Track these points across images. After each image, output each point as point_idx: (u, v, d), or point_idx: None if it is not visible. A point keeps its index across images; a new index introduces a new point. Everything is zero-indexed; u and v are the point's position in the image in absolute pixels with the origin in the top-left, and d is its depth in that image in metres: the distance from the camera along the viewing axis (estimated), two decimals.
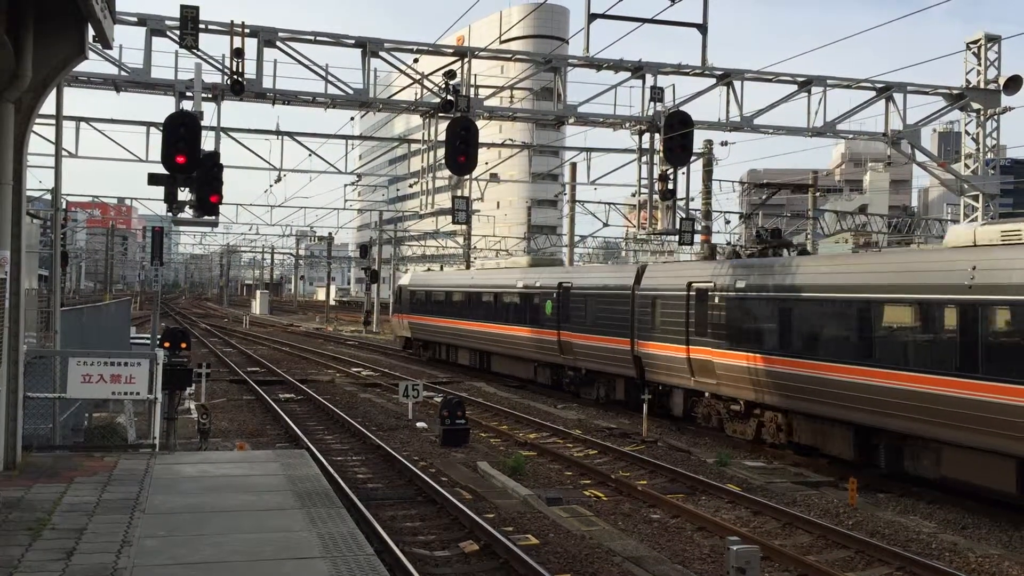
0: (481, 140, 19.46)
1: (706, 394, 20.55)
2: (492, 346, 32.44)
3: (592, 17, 19.64)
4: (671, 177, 20.65)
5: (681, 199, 21.53)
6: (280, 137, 28.43)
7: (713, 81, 21.62)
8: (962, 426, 13.74)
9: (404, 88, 22.27)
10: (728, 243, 58.43)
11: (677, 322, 21.24)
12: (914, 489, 15.41)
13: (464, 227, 54.57)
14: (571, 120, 21.86)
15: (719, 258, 24.12)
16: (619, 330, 23.75)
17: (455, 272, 46.78)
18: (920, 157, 24.59)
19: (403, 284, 42.89)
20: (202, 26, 17.22)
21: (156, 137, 24.55)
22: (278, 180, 36.09)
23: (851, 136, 25.88)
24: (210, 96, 18.09)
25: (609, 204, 49.47)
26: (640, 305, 23.00)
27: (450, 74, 19.67)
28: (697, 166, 35.23)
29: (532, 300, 28.93)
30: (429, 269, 72.18)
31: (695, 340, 20.51)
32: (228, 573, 7.73)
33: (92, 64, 17.17)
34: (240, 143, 26.64)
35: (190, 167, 15.67)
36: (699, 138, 40.50)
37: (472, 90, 20.37)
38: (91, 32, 11.28)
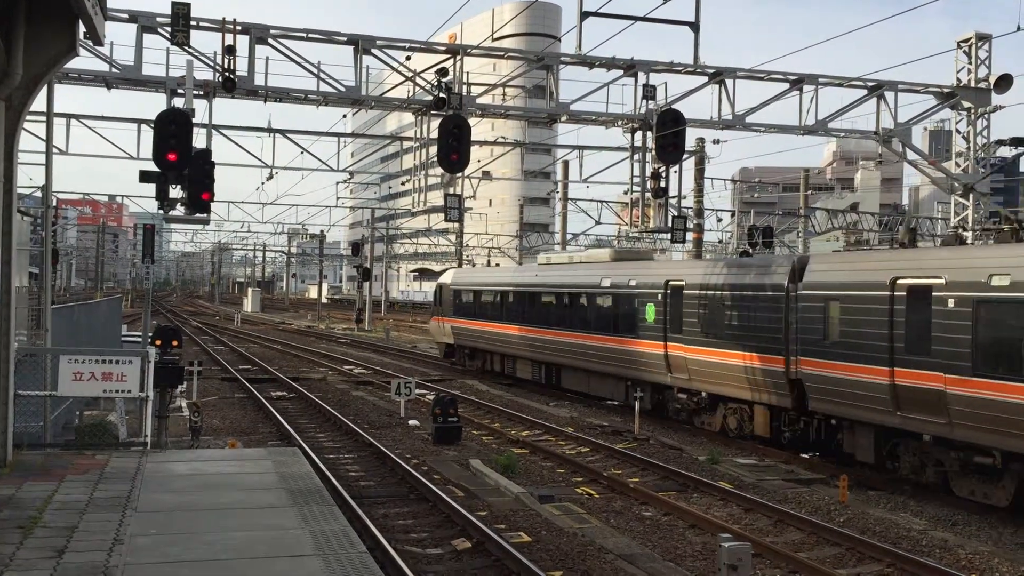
0: (473, 138, 19.46)
1: (925, 437, 14.84)
2: (564, 358, 26.57)
3: (584, 15, 19.65)
4: (663, 175, 20.66)
5: (673, 197, 21.53)
6: (272, 134, 28.33)
7: (705, 79, 21.64)
8: None
9: (396, 86, 22.24)
10: (720, 240, 58.50)
11: (872, 333, 15.67)
12: (904, 487, 15.47)
13: (456, 225, 54.59)
14: (563, 118, 21.85)
15: (924, 244, 18.82)
16: (765, 343, 18.23)
17: (511, 268, 39.60)
18: (911, 155, 24.66)
19: (444, 283, 36.50)
20: (193, 23, 17.16)
21: (147, 134, 24.51)
22: (270, 177, 35.81)
23: (842, 134, 25.94)
24: (202, 93, 18.03)
25: (601, 202, 49.59)
26: (804, 310, 17.28)
27: (442, 72, 19.64)
28: (689, 164, 35.27)
29: (625, 302, 23.27)
30: (473, 264, 65.52)
31: (907, 360, 14.88)
32: (220, 571, 7.72)
33: (83, 61, 17.16)
34: (232, 140, 26.52)
35: (181, 164, 15.63)
36: (691, 136, 40.50)
37: (464, 88, 20.34)
38: (82, 29, 11.24)
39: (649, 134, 20.56)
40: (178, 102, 17.51)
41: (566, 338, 26.19)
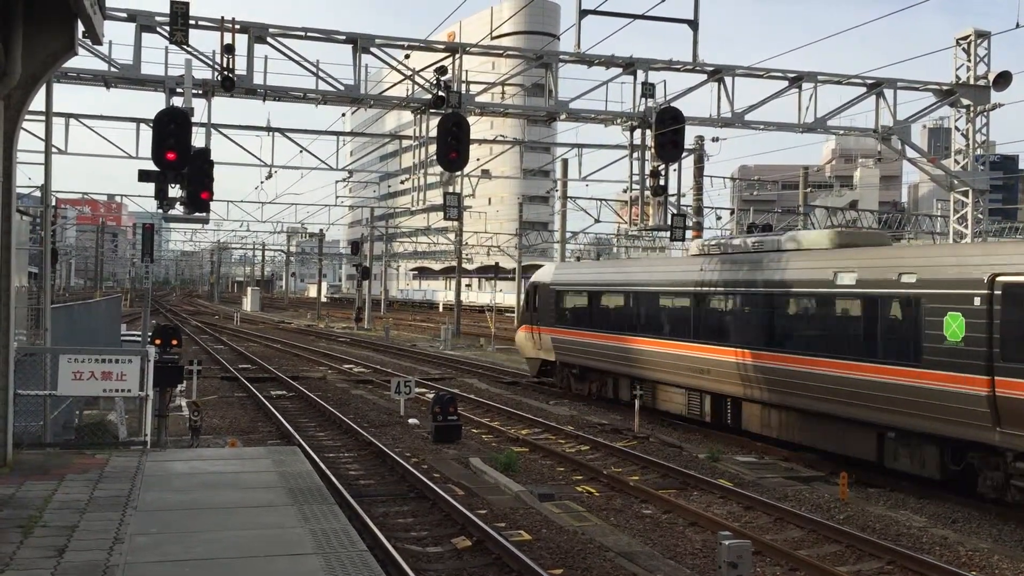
0: (472, 136, 19.46)
1: None
2: (754, 388, 18.56)
3: (583, 13, 19.66)
4: (662, 173, 20.67)
5: (672, 195, 21.54)
6: (271, 133, 28.32)
7: (704, 77, 21.65)
8: None
9: (395, 84, 22.25)
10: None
11: None
12: (904, 484, 15.47)
13: (456, 223, 54.56)
14: (562, 116, 21.87)
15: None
16: None
17: (647, 261, 29.79)
18: (910, 153, 24.67)
19: (541, 281, 28.40)
20: (192, 22, 17.17)
21: (146, 133, 24.49)
22: (269, 176, 35.81)
23: (841, 132, 25.98)
24: (200, 92, 18.04)
25: (600, 200, 49.61)
26: None
27: (441, 70, 19.65)
28: (688, 162, 35.29)
29: (891, 310, 15.50)
30: (579, 258, 53.93)
31: None
32: (220, 570, 7.72)
33: (82, 60, 17.14)
34: (231, 139, 26.53)
35: (180, 164, 15.64)
36: (690, 134, 40.50)
37: (463, 86, 20.35)
38: (81, 28, 11.24)
39: (648, 132, 20.56)
40: (177, 101, 17.51)
41: (761, 361, 18.19)
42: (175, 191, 16.26)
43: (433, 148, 19.61)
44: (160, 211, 16.96)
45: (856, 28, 19.03)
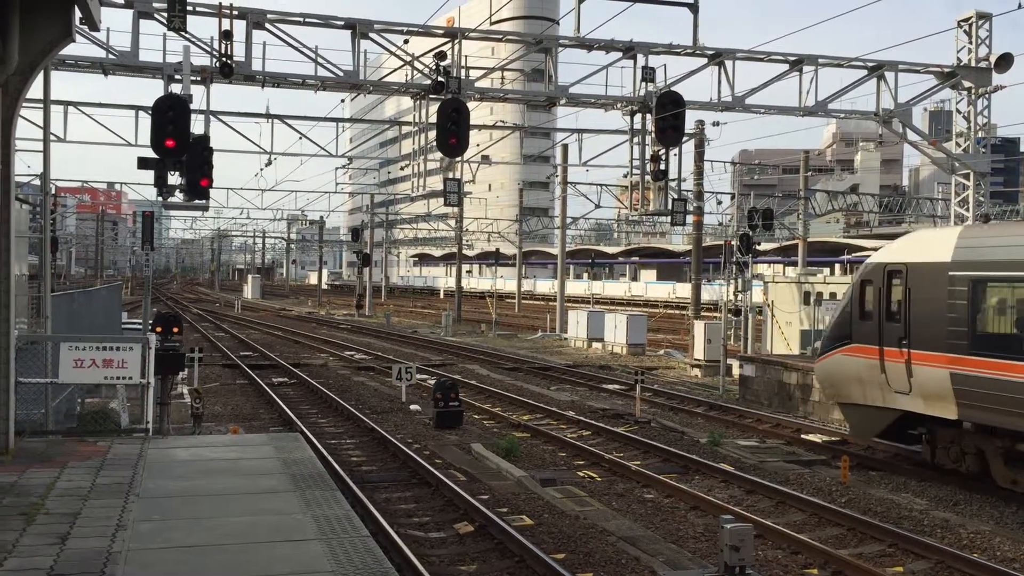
0: (472, 122, 19.41)
1: None
2: None
3: None
4: (663, 158, 20.64)
5: (673, 180, 21.52)
6: (270, 120, 28.29)
7: (704, 61, 21.57)
8: None
9: (395, 70, 22.18)
10: (720, 223, 58.48)
11: None
12: (906, 467, 15.49)
13: (456, 209, 54.49)
14: (562, 101, 21.81)
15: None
16: None
17: None
18: (911, 136, 24.64)
19: (919, 261, 14.41)
20: (190, 8, 17.10)
21: (145, 121, 24.44)
22: (268, 164, 35.84)
23: (842, 115, 25.90)
24: (199, 79, 17.99)
25: (601, 185, 49.62)
26: None
27: (440, 55, 19.60)
28: (689, 147, 35.13)
29: None
30: (988, 219, 19.12)
31: None
32: (223, 556, 7.73)
33: (79, 47, 17.09)
34: (230, 126, 26.50)
35: (180, 151, 15.62)
36: (690, 118, 40.37)
37: (463, 71, 20.29)
38: (78, 14, 11.18)
39: (649, 116, 20.53)
40: (175, 88, 17.47)
41: None
42: (174, 178, 16.26)
43: (433, 134, 19.57)
44: (160, 199, 16.95)
45: (857, 10, 18.96)
